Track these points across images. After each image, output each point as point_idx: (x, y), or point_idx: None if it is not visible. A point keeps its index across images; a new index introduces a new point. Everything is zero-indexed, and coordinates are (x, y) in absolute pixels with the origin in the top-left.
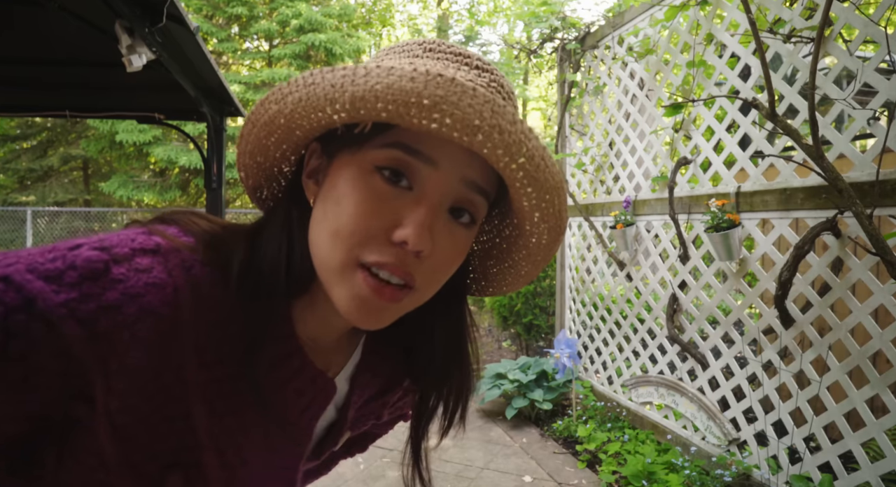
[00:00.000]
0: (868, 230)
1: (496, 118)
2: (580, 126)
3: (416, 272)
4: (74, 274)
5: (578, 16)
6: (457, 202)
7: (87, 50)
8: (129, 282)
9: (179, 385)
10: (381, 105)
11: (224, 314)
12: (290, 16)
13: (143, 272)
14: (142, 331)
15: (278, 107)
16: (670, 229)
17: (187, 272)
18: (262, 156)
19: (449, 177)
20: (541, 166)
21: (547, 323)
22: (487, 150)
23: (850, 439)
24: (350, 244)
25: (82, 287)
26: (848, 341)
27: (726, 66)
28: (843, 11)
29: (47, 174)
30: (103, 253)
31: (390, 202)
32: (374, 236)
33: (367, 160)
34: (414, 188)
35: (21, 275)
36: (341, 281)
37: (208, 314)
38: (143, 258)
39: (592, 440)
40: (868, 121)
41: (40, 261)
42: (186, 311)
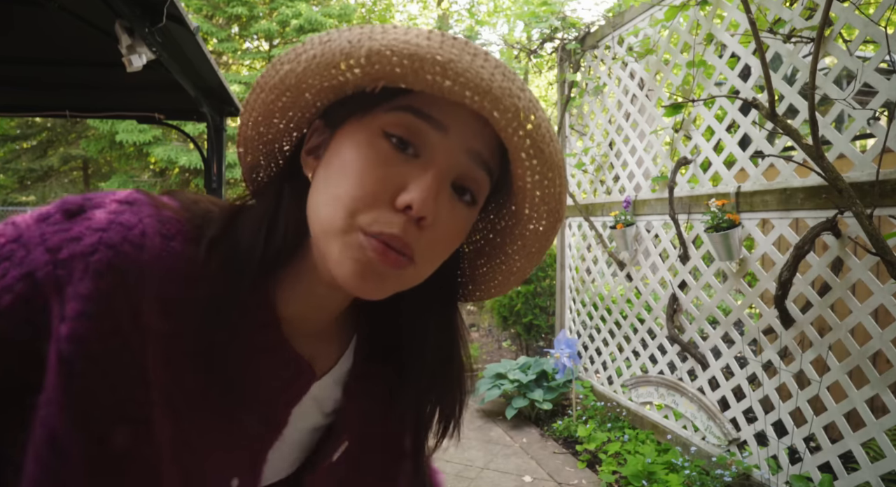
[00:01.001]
0: (868, 230)
1: (507, 82)
2: (580, 126)
3: (415, 244)
4: (58, 215)
5: (578, 16)
6: (460, 177)
7: (86, 50)
8: (96, 219)
9: (136, 332)
10: (395, 59)
11: (194, 272)
12: (290, 16)
13: (113, 213)
14: (97, 263)
15: (290, 66)
16: (670, 229)
17: (160, 224)
18: (265, 125)
19: (456, 146)
20: (546, 138)
21: (547, 323)
22: (498, 113)
23: (850, 439)
24: (353, 208)
25: (60, 224)
26: (848, 341)
27: (726, 65)
28: (843, 11)
29: (47, 174)
30: (83, 199)
31: (396, 167)
32: (377, 201)
33: (375, 124)
34: (421, 156)
35: (23, 218)
36: (342, 246)
37: (177, 267)
38: (119, 206)
39: (592, 440)
40: (868, 121)
41: (39, 209)
42: (150, 256)
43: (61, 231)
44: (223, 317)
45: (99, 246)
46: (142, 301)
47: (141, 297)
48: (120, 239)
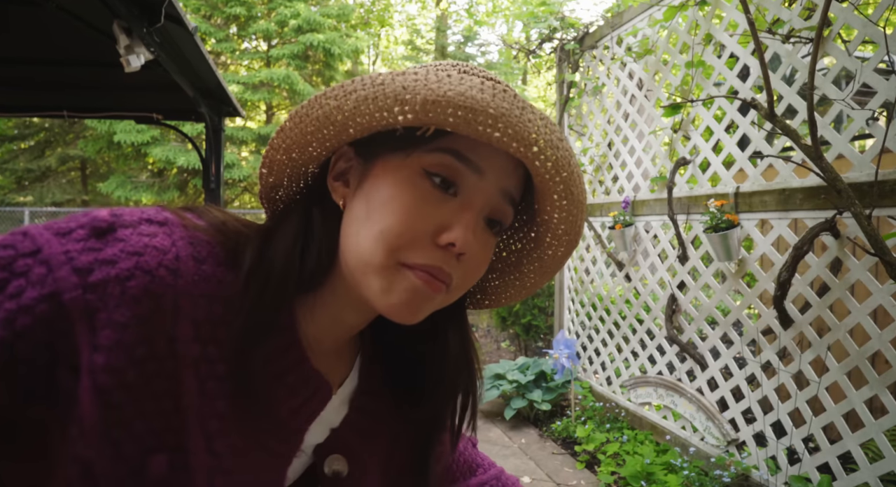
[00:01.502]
0: (867, 230)
1: (551, 135)
2: (579, 126)
3: (453, 274)
4: (83, 231)
5: (577, 16)
6: (492, 213)
7: (84, 50)
8: (130, 242)
9: (171, 358)
10: (451, 110)
11: (226, 295)
12: (288, 16)
13: (147, 236)
14: (134, 289)
15: (337, 102)
16: (669, 229)
17: (192, 246)
18: (298, 152)
19: (491, 187)
20: (577, 182)
21: (546, 324)
22: (538, 163)
23: (849, 439)
24: (396, 244)
25: (87, 242)
26: (847, 341)
27: (725, 66)
28: (842, 12)
29: (45, 174)
30: (112, 217)
31: (437, 206)
32: (419, 238)
33: (417, 163)
34: (459, 195)
35: (38, 230)
36: (385, 278)
37: (210, 290)
38: (150, 226)
39: (591, 440)
40: (867, 121)
41: (58, 222)
42: (185, 280)
43: (91, 250)
44: (257, 341)
45: (135, 270)
46: (177, 326)
47: (176, 323)
48: (156, 263)
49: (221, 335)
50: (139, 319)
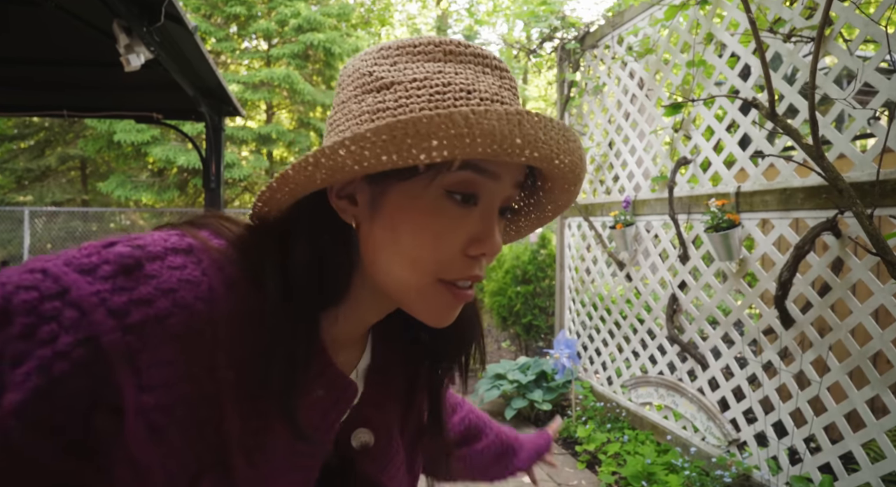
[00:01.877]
0: (868, 230)
1: (569, 143)
2: (580, 126)
3: (481, 271)
4: (108, 268)
5: (578, 15)
6: (505, 203)
7: (84, 49)
8: (163, 278)
9: (212, 385)
10: (480, 150)
11: (257, 315)
12: (288, 15)
13: (177, 269)
14: (175, 327)
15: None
16: (670, 229)
17: (221, 271)
18: (303, 191)
19: (507, 186)
20: (583, 168)
21: (546, 324)
22: (557, 170)
23: (851, 440)
24: (432, 270)
25: (116, 280)
26: (848, 341)
27: (726, 65)
28: (844, 11)
29: (45, 174)
30: (137, 250)
31: (463, 222)
32: (453, 256)
33: (438, 185)
34: (479, 203)
35: (58, 267)
36: (424, 297)
37: (242, 313)
38: (177, 257)
39: (592, 440)
40: (868, 120)
41: (76, 256)
42: (221, 308)
43: (123, 291)
44: (289, 356)
45: (174, 309)
46: (216, 354)
47: (215, 351)
48: (193, 298)
49: (254, 355)
50: (183, 355)
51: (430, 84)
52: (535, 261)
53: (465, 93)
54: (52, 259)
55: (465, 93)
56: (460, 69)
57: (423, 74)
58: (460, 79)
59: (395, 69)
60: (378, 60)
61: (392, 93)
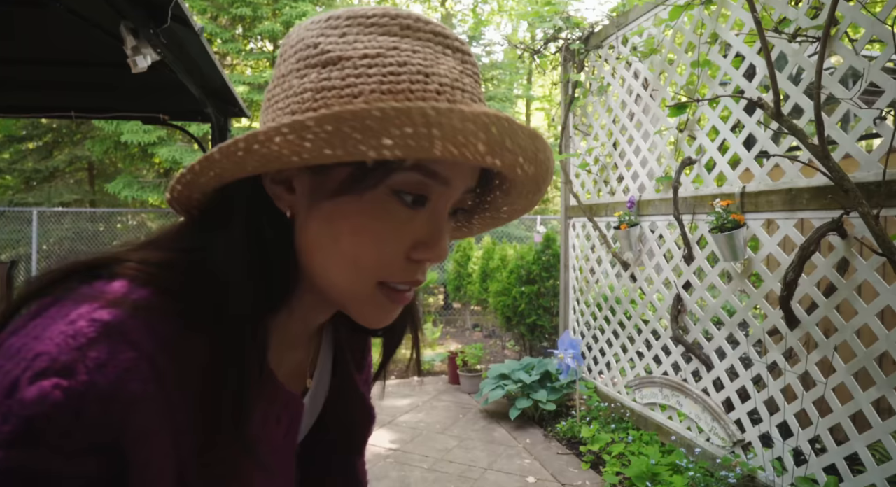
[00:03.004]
0: (874, 230)
1: (537, 152)
2: (584, 126)
3: (423, 276)
4: (35, 423)
5: (582, 15)
6: (456, 205)
7: (91, 51)
8: (99, 387)
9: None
10: (438, 152)
11: (204, 359)
12: (294, 16)
13: (104, 365)
14: (135, 422)
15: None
16: (675, 229)
17: (153, 335)
18: (229, 175)
19: (457, 191)
20: (547, 180)
21: (551, 324)
22: (521, 176)
23: (856, 441)
24: (373, 273)
25: (54, 431)
26: (854, 342)
27: (731, 65)
28: (849, 10)
29: (53, 175)
30: (50, 379)
31: (409, 224)
32: (396, 260)
33: (385, 185)
34: (427, 206)
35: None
36: (361, 300)
37: (190, 367)
38: (97, 350)
39: (596, 441)
40: (874, 120)
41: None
42: (169, 376)
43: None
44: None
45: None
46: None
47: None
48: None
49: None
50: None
51: (382, 62)
52: (539, 262)
53: (422, 77)
54: None
55: (423, 77)
56: (418, 47)
57: (375, 50)
58: (418, 59)
59: (343, 41)
60: (325, 31)
61: (339, 70)
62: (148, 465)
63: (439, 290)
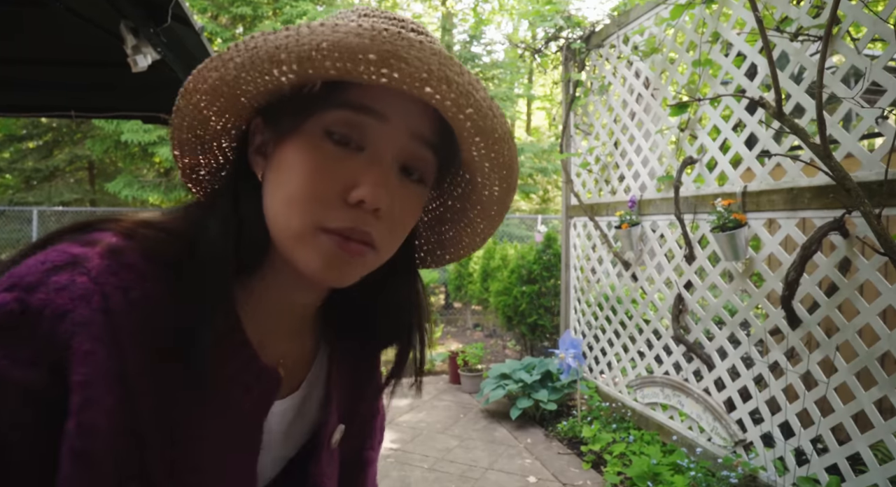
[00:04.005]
0: (876, 230)
1: (444, 69)
2: (585, 125)
3: (374, 231)
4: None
5: (583, 15)
6: (407, 160)
7: (92, 50)
8: (53, 305)
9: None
10: (328, 63)
11: (167, 307)
12: (294, 15)
13: (64, 289)
14: (81, 344)
15: (219, 73)
16: (676, 229)
17: (116, 274)
18: (201, 128)
19: (399, 132)
20: (488, 115)
21: (552, 324)
22: (436, 101)
23: (858, 441)
24: (307, 209)
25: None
26: (856, 342)
27: (732, 64)
28: (851, 9)
29: (53, 174)
30: (13, 292)
31: (343, 163)
32: (330, 199)
33: (317, 125)
34: (365, 148)
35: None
36: (304, 245)
37: (149, 310)
38: (60, 275)
39: (597, 440)
40: (876, 119)
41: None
42: (122, 314)
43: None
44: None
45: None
46: (128, 358)
47: (126, 356)
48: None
49: (171, 349)
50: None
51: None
52: (540, 261)
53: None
54: None
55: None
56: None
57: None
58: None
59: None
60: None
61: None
62: (87, 389)
63: (440, 290)
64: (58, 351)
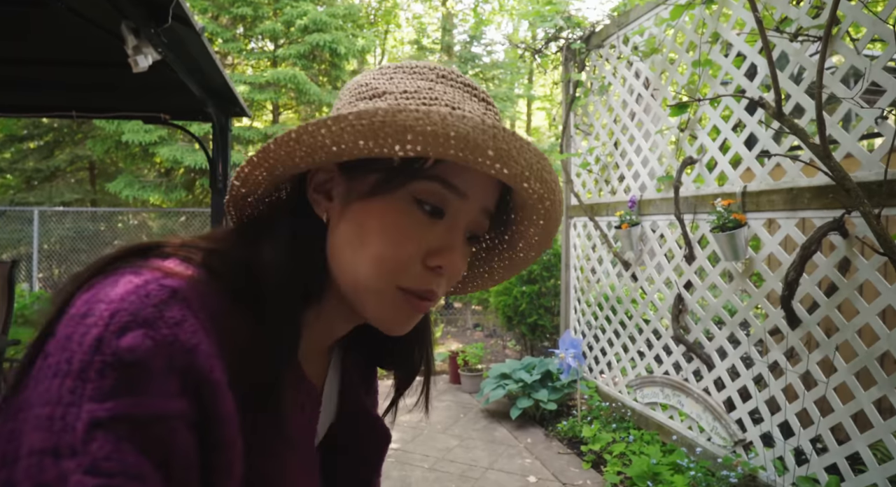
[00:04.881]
0: (876, 230)
1: (541, 170)
2: (585, 126)
3: (439, 290)
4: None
5: (583, 15)
6: (472, 228)
7: (93, 51)
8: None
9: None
10: (452, 151)
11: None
12: (295, 16)
13: (179, 324)
14: (221, 376)
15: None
16: (676, 229)
17: (206, 308)
18: (283, 170)
19: (474, 207)
20: (557, 202)
21: (552, 324)
22: (526, 193)
23: (858, 440)
24: (391, 268)
25: (149, 378)
26: (855, 342)
27: (732, 65)
28: (851, 10)
29: (54, 174)
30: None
31: (427, 231)
32: (412, 263)
33: (408, 191)
34: (445, 217)
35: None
36: (379, 299)
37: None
38: (170, 310)
39: (597, 440)
40: (876, 120)
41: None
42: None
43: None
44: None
45: (209, 360)
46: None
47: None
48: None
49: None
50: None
51: (419, 95)
52: (540, 261)
53: (450, 108)
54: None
55: (451, 108)
56: (449, 90)
57: (414, 88)
58: (448, 97)
59: (389, 82)
60: (376, 76)
61: (383, 100)
62: (224, 419)
63: None
64: (194, 383)
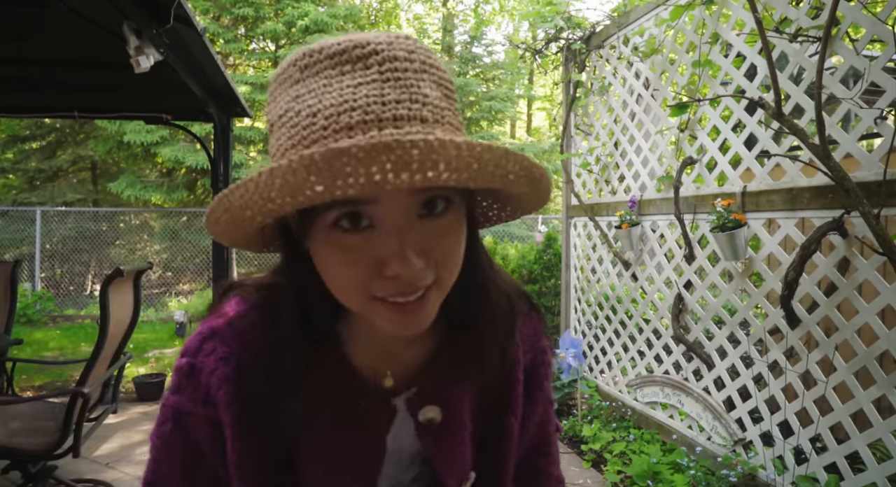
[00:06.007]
0: (875, 230)
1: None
2: (585, 126)
3: (425, 279)
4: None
5: (583, 16)
6: (419, 207)
7: (95, 51)
8: (207, 366)
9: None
10: (301, 199)
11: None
12: (296, 17)
13: (211, 354)
14: (224, 395)
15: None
16: (675, 229)
17: (241, 338)
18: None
19: (397, 199)
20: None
21: (552, 323)
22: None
23: (857, 440)
24: (353, 293)
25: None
26: (854, 341)
27: (732, 65)
28: (850, 10)
29: (56, 174)
30: (185, 357)
31: (363, 249)
32: (369, 281)
33: (321, 225)
34: (375, 225)
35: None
36: (369, 313)
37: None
38: (207, 344)
39: (597, 439)
40: (875, 120)
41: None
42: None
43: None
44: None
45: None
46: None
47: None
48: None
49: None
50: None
51: (288, 120)
52: (540, 261)
53: (309, 118)
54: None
55: (310, 118)
56: (313, 84)
57: (283, 108)
58: (309, 100)
59: (274, 106)
60: (269, 99)
61: (274, 137)
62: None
63: None
64: (213, 396)
